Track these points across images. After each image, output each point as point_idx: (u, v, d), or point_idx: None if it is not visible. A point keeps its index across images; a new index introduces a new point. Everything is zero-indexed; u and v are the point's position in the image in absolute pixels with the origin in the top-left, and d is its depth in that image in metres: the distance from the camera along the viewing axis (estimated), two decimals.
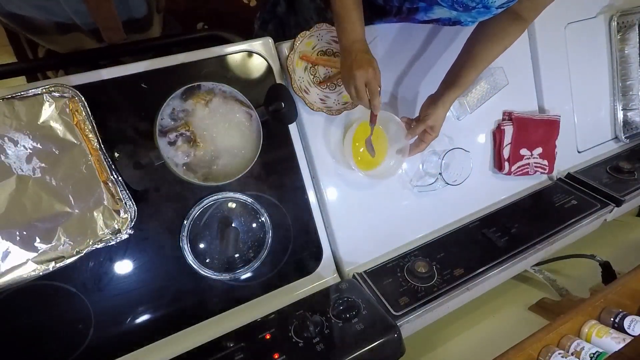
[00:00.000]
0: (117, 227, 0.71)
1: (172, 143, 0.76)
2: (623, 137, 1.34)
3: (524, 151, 1.15)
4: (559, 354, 0.79)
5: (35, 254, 0.66)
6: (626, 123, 1.35)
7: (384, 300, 0.86)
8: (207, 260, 0.82)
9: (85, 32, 0.99)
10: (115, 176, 0.70)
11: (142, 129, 0.77)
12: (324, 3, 1.13)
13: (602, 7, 1.29)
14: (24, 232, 0.66)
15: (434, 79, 0.97)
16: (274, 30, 1.20)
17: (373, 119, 0.84)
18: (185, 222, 0.81)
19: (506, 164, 1.14)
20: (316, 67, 0.91)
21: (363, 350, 0.76)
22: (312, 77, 0.91)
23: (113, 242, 0.70)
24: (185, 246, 0.80)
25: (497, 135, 1.14)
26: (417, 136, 0.93)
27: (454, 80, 0.89)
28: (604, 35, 1.31)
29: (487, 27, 0.85)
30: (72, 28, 0.98)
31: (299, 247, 0.92)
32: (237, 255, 0.84)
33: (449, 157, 1.01)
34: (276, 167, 0.90)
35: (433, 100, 0.90)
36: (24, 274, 0.65)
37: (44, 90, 0.68)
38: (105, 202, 0.71)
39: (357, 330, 0.78)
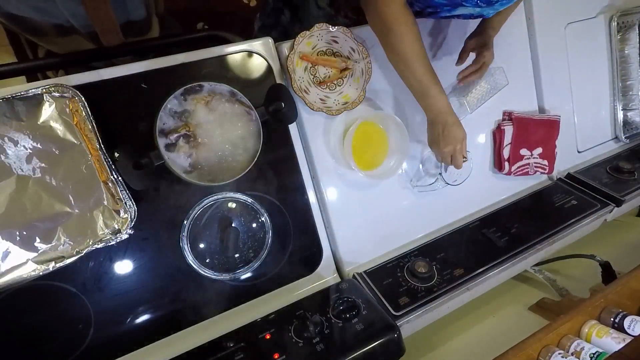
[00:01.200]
0: (117, 227, 0.71)
1: (172, 143, 0.76)
2: (623, 137, 1.34)
3: (524, 151, 1.15)
4: (559, 354, 0.79)
5: (35, 254, 0.66)
6: (626, 123, 1.35)
7: (384, 300, 0.86)
8: (207, 260, 0.82)
9: (83, 34, 0.99)
10: (115, 176, 0.70)
11: (142, 129, 0.77)
12: (334, 10, 1.12)
13: (602, 7, 1.29)
14: (24, 232, 0.66)
15: (440, 78, 0.96)
16: (277, 38, 1.19)
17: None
18: (185, 222, 0.81)
19: (506, 164, 1.14)
20: (316, 67, 0.91)
21: (363, 350, 0.76)
22: (312, 77, 0.91)
23: (113, 242, 0.70)
24: (185, 246, 0.80)
25: (497, 135, 1.14)
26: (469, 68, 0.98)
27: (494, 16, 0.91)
28: (604, 35, 1.31)
29: None
30: (70, 30, 0.97)
31: (298, 247, 0.92)
32: (237, 255, 0.84)
33: None
34: (276, 167, 0.89)
35: (475, 30, 0.96)
36: (24, 274, 0.65)
37: (44, 90, 0.67)
38: (105, 202, 0.70)
39: (357, 330, 0.78)
